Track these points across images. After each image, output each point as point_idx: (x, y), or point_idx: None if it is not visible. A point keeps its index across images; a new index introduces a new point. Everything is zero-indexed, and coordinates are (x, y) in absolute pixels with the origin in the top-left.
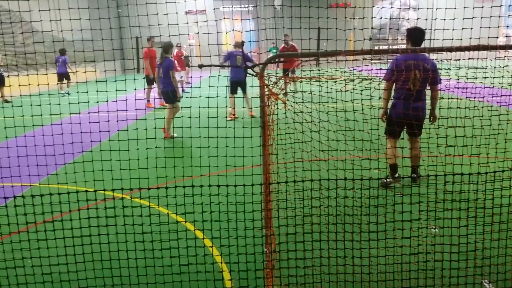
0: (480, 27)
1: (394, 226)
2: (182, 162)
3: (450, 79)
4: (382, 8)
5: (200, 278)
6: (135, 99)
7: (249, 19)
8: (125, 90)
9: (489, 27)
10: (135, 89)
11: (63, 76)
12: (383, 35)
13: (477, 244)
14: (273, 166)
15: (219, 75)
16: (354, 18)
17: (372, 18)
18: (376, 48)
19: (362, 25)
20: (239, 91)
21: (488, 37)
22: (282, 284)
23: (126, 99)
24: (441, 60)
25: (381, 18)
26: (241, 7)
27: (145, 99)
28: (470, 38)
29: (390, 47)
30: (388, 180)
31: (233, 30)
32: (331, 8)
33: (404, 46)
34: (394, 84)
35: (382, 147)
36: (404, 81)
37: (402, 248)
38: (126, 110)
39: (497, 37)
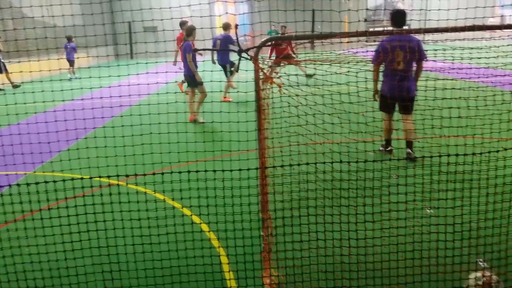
0: (476, 7)
1: (389, 208)
2: (177, 148)
3: (445, 60)
4: None
5: (198, 262)
6: (128, 85)
7: (242, 1)
8: (119, 76)
9: (484, 7)
10: (128, 74)
11: (71, 62)
12: (378, 16)
13: (472, 224)
14: (268, 150)
15: (212, 60)
16: (349, 0)
17: None
18: (371, 30)
19: (357, 7)
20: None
21: (484, 17)
22: (279, 267)
23: (120, 85)
24: (437, 41)
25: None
26: None
27: (176, 82)
28: (466, 18)
29: (385, 29)
30: (381, 149)
31: (226, 13)
32: None
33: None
34: (384, 65)
35: (378, 129)
36: (390, 61)
37: (398, 229)
38: (120, 96)
39: (492, 17)
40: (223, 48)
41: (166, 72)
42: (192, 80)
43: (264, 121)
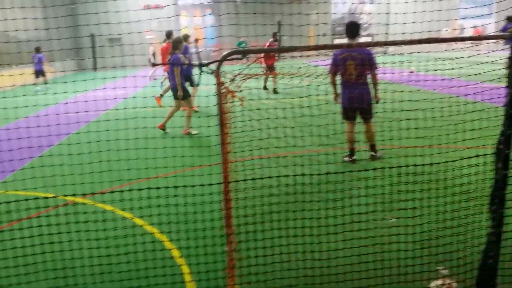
0: (430, 21)
1: (352, 219)
2: (137, 163)
3: (413, 71)
4: (335, 2)
5: (160, 282)
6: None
7: (206, 14)
8: (79, 91)
9: (438, 21)
10: (84, 90)
11: (39, 73)
12: (342, 28)
13: (432, 233)
14: (231, 164)
15: (185, 75)
16: (311, 14)
17: (327, 13)
18: (336, 42)
19: (318, 21)
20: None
21: (443, 30)
22: (243, 283)
23: (76, 101)
24: (402, 53)
25: (334, 13)
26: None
27: (154, 96)
28: (422, 31)
29: (345, 42)
30: (345, 159)
31: (185, 27)
32: (290, 3)
33: (362, 39)
34: (340, 75)
35: (339, 141)
36: (344, 72)
37: (360, 240)
38: (77, 112)
39: (447, 29)
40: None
41: (125, 87)
42: (177, 93)
43: (227, 135)
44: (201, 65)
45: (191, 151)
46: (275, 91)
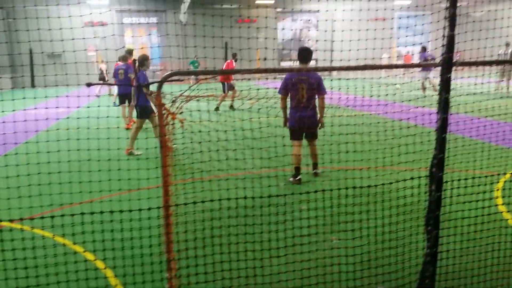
0: (365, 48)
1: (294, 242)
2: (70, 187)
3: (361, 96)
4: (283, 29)
5: None
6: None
7: (150, 34)
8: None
9: (380, 48)
10: (12, 110)
11: None
12: (287, 51)
13: (372, 254)
14: (171, 188)
15: (119, 94)
16: (258, 38)
17: (275, 39)
18: (282, 64)
19: (266, 44)
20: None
21: (382, 56)
22: None
23: (4, 122)
24: (348, 78)
25: (282, 39)
26: (147, 22)
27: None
28: (360, 58)
29: (294, 63)
30: (290, 179)
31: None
32: (236, 25)
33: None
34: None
35: (281, 163)
36: (295, 94)
37: (302, 263)
38: (4, 134)
39: (385, 57)
40: (126, 77)
41: (63, 107)
42: (145, 111)
43: (167, 157)
44: (139, 86)
45: (128, 174)
46: (231, 107)
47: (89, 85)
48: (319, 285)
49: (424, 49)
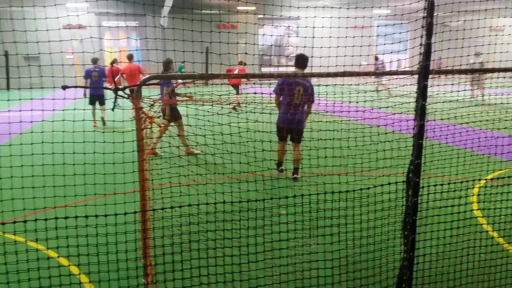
0: (346, 56)
1: (272, 247)
2: (43, 192)
3: (339, 101)
4: (264, 35)
5: None
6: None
7: (129, 37)
8: None
9: (352, 56)
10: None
11: None
12: (268, 57)
13: (350, 258)
14: (149, 192)
15: (84, 96)
16: (239, 43)
17: (255, 44)
18: (263, 69)
19: (246, 49)
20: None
21: (362, 63)
22: None
23: None
24: (329, 84)
25: (262, 44)
26: (126, 25)
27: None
28: (342, 65)
29: (276, 69)
30: (278, 172)
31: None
32: (217, 30)
33: (289, 68)
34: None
35: (261, 169)
36: (288, 96)
37: (280, 267)
38: None
39: (365, 64)
40: (99, 80)
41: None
42: (173, 114)
43: (144, 161)
44: (116, 89)
45: (104, 178)
46: (234, 109)
47: (64, 88)
48: None
49: (376, 58)
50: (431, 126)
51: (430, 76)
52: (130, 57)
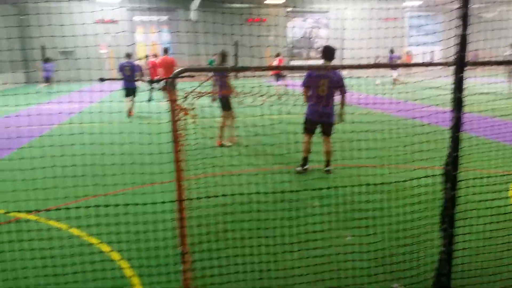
0: (376, 47)
1: (307, 238)
2: (83, 180)
3: (373, 94)
4: (294, 27)
5: None
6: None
7: (162, 31)
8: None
9: (385, 48)
10: (27, 104)
11: None
12: (297, 50)
13: (386, 251)
14: (185, 182)
15: (125, 88)
16: (268, 36)
17: (285, 37)
18: (291, 63)
19: (275, 42)
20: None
21: (380, 56)
22: None
23: (18, 116)
24: (359, 77)
25: (292, 37)
26: (158, 19)
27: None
28: (371, 57)
29: (305, 62)
30: (298, 169)
31: (137, 42)
32: (246, 23)
33: (317, 61)
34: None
35: (294, 161)
36: (314, 89)
37: (315, 258)
38: (28, 126)
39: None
40: (132, 74)
41: (79, 101)
42: (226, 104)
43: (180, 152)
44: (151, 82)
45: (142, 168)
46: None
47: (102, 80)
48: (332, 281)
49: (391, 51)
50: (468, 119)
51: (466, 67)
52: (165, 50)
